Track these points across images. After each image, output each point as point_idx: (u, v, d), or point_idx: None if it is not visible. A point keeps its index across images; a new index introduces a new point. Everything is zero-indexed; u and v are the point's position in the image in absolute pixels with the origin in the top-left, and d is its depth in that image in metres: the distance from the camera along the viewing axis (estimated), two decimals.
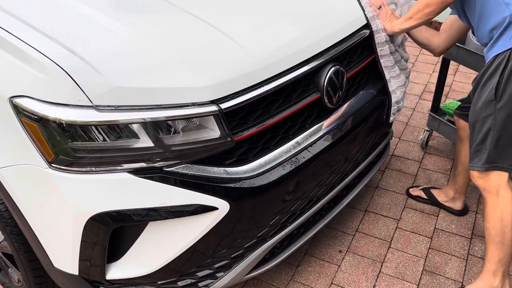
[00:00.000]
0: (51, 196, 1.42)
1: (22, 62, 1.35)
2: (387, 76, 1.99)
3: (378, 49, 1.94)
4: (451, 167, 2.75)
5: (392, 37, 1.99)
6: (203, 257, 1.58)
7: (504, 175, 1.80)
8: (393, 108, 2.06)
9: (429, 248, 2.26)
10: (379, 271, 2.14)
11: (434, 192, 2.48)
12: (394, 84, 2.02)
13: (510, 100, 1.68)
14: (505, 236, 1.82)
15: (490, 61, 1.72)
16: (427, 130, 2.86)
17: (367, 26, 1.90)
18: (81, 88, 1.30)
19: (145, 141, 1.37)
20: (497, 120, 1.72)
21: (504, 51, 1.66)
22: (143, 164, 1.39)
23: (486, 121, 1.75)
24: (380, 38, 1.93)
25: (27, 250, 1.65)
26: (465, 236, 2.31)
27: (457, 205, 2.40)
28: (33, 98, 1.32)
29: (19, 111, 1.34)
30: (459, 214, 2.41)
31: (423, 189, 2.51)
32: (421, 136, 2.93)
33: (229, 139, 1.46)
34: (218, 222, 1.48)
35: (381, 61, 1.96)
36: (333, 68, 1.72)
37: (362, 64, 1.90)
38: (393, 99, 2.03)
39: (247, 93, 1.48)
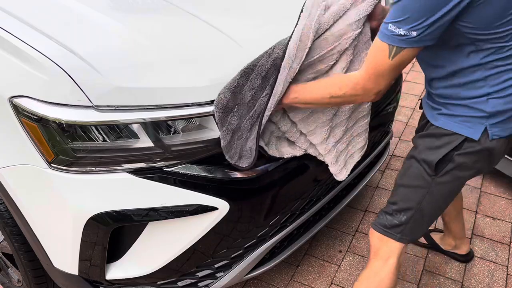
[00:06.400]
0: (51, 196, 1.42)
1: (22, 62, 1.35)
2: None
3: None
4: None
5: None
6: (203, 257, 1.58)
7: (404, 246, 1.55)
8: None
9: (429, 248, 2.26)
10: None
11: (436, 238, 2.24)
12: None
13: (452, 180, 1.42)
14: None
15: (443, 131, 1.38)
16: None
17: None
18: (80, 88, 1.30)
19: (145, 141, 1.37)
20: (433, 196, 1.45)
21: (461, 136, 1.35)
22: (143, 164, 1.39)
23: (416, 193, 1.47)
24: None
25: (27, 250, 1.65)
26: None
27: (463, 250, 2.18)
28: (33, 98, 1.32)
29: (19, 111, 1.34)
30: (464, 260, 2.18)
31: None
32: None
33: None
34: (218, 222, 1.48)
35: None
36: None
37: None
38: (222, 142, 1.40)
39: None
